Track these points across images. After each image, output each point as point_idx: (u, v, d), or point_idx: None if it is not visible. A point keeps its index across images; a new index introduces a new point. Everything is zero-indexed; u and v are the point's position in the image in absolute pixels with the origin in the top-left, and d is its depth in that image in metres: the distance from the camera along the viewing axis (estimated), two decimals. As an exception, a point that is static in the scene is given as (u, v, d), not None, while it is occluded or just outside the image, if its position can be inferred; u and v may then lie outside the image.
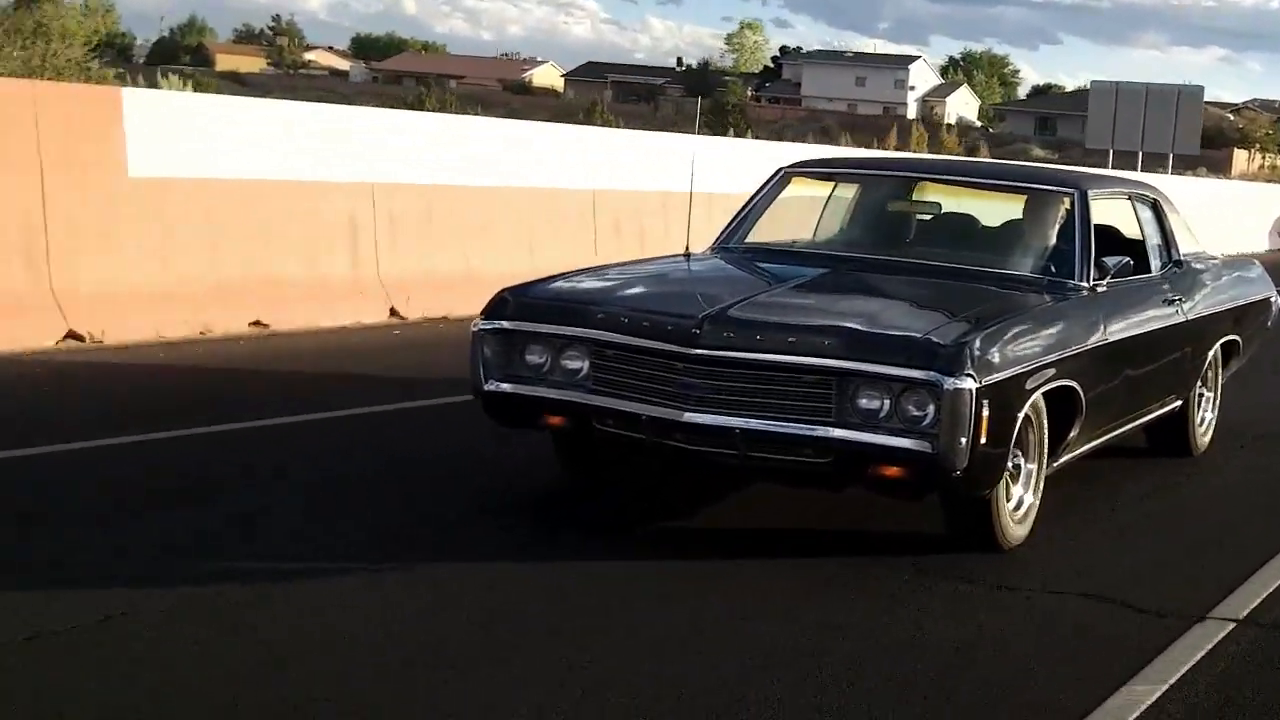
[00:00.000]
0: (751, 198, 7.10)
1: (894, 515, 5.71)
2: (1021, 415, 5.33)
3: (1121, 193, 7.35)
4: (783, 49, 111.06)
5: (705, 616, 4.71)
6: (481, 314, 5.64)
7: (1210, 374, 7.76)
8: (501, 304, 5.61)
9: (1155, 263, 7.09)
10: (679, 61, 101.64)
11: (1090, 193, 6.61)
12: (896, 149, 41.29)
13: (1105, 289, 6.27)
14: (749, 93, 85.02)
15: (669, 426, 5.18)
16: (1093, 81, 39.19)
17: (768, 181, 7.15)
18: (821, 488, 5.51)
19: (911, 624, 4.77)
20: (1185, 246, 7.53)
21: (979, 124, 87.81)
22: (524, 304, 5.59)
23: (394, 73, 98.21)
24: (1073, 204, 6.52)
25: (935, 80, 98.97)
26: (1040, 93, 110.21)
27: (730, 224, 6.97)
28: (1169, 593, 5.32)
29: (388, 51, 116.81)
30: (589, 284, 5.83)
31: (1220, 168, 56.44)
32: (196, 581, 4.72)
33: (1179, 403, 7.33)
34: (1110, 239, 6.89)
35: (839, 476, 5.22)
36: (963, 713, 4.11)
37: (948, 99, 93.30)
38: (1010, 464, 5.42)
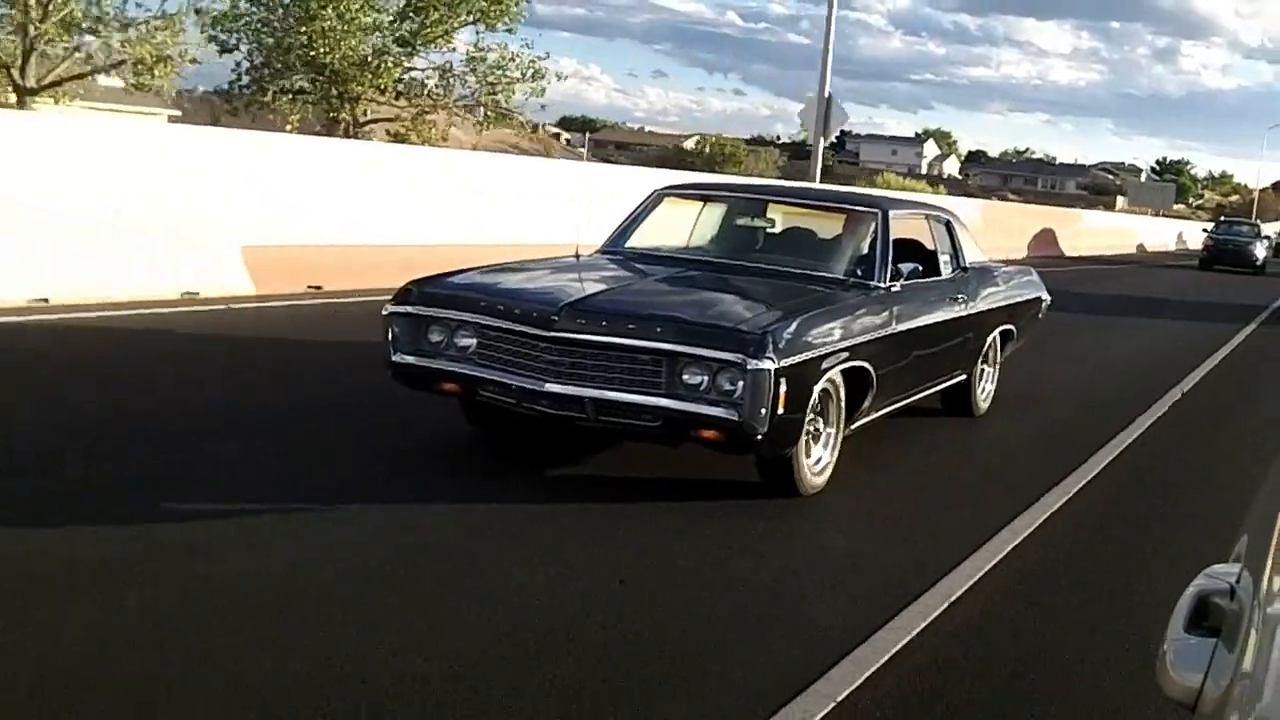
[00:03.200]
0: (633, 211, 6.53)
1: (729, 465, 5.20)
2: (819, 389, 4.83)
3: (920, 214, 6.83)
4: (843, 132, 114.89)
5: (578, 536, 4.21)
6: (391, 300, 5.11)
7: (990, 354, 7.28)
8: (407, 292, 5.09)
9: (946, 269, 6.58)
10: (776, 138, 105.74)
11: (891, 213, 6.09)
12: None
13: (899, 288, 5.76)
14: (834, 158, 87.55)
15: (534, 395, 4.68)
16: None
17: (645, 200, 6.59)
18: (659, 443, 5.00)
19: (717, 553, 4.28)
20: (972, 257, 7.03)
21: (960, 177, 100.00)
22: (425, 293, 5.06)
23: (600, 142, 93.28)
24: (877, 221, 6.01)
25: (936, 150, 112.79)
26: (974, 156, 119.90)
27: (616, 230, 6.42)
28: (946, 528, 4.86)
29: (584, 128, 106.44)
30: (481, 277, 5.28)
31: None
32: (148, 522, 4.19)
33: (964, 376, 6.88)
34: (911, 248, 6.40)
35: (670, 436, 4.72)
36: (745, 631, 3.61)
37: (944, 163, 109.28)
38: (810, 428, 4.94)
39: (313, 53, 22.58)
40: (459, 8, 24.08)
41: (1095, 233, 33.46)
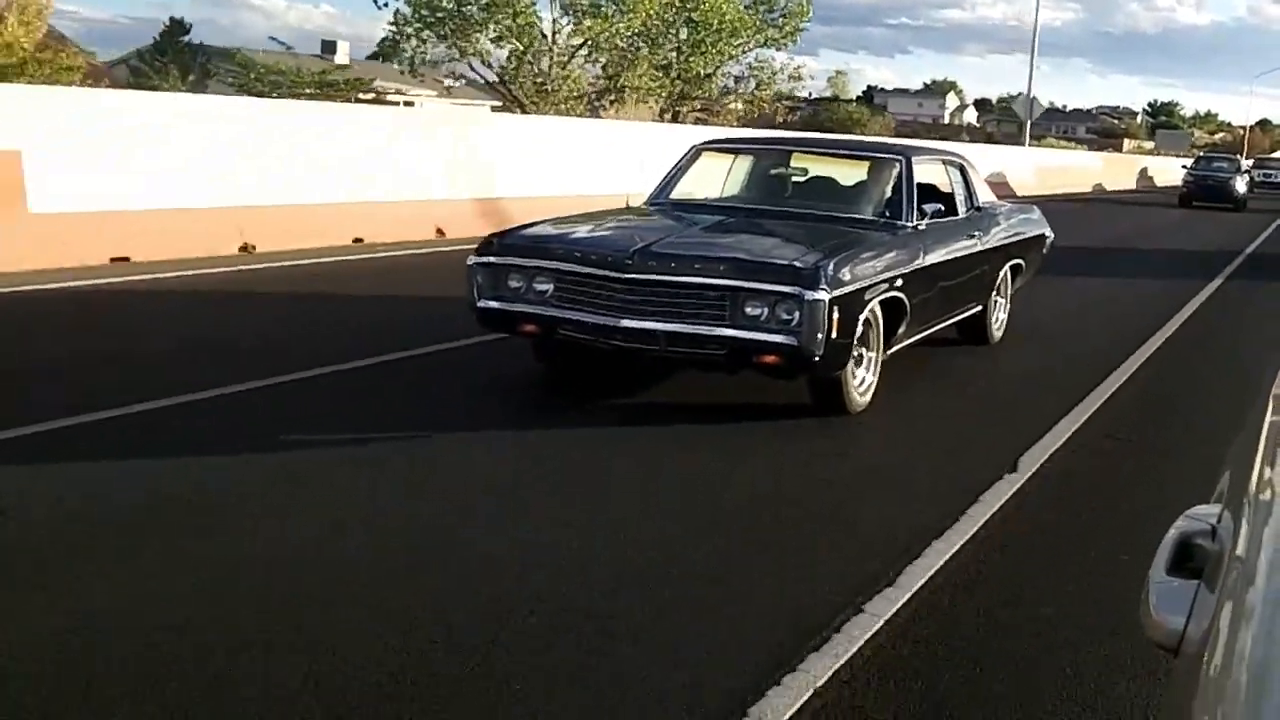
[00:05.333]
0: (675, 165, 7.01)
1: (781, 393, 5.69)
2: (863, 318, 5.33)
3: (937, 159, 7.32)
4: (869, 87, 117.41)
5: (648, 458, 4.71)
6: (474, 251, 5.58)
7: (1003, 287, 7.79)
8: (488, 244, 5.56)
9: (961, 209, 7.07)
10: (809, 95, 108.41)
11: (914, 159, 6.58)
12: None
13: (925, 227, 6.26)
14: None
15: (610, 330, 5.17)
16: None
17: (685, 155, 7.06)
18: (721, 370, 5.48)
19: (792, 463, 4.79)
20: (983, 197, 7.51)
21: (977, 125, 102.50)
22: (505, 244, 5.53)
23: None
24: (901, 167, 6.49)
25: (956, 102, 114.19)
26: (980, 104, 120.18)
27: (660, 184, 6.89)
28: (979, 447, 5.31)
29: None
30: (553, 229, 5.75)
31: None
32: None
33: (979, 307, 7.38)
34: (930, 191, 6.87)
35: (733, 362, 5.21)
36: (821, 524, 4.12)
37: (964, 113, 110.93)
38: (855, 353, 5.44)
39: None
40: (756, 35, 32.72)
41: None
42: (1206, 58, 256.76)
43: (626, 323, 5.12)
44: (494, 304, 5.48)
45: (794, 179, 7.07)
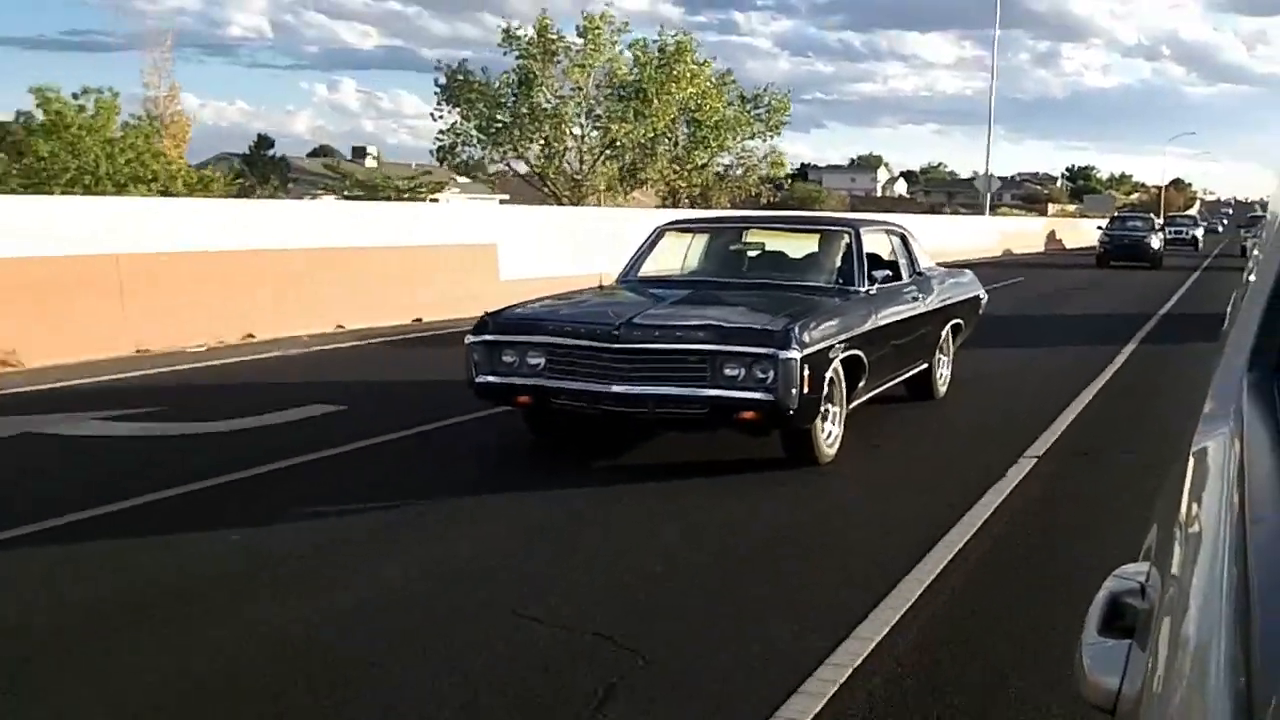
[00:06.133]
0: (641, 245, 7.59)
1: (753, 447, 6.17)
2: (828, 375, 5.86)
3: (881, 229, 7.94)
4: (802, 164, 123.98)
5: (640, 510, 5.16)
6: (471, 331, 6.07)
7: (945, 345, 8.38)
8: (484, 324, 6.05)
9: (905, 274, 7.68)
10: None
11: (861, 230, 7.21)
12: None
13: (875, 292, 6.85)
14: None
15: (602, 396, 5.66)
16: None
17: (649, 236, 7.65)
18: (702, 429, 5.96)
19: (772, 509, 5.27)
20: (923, 263, 8.15)
21: (907, 196, 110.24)
22: (500, 323, 6.03)
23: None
24: (851, 238, 7.11)
25: (886, 175, 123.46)
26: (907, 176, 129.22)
27: (629, 263, 7.46)
28: (936, 486, 5.82)
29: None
30: (540, 308, 6.27)
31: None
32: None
33: (925, 365, 7.96)
34: (877, 259, 7.43)
35: (715, 420, 5.71)
36: (814, 560, 4.58)
37: (895, 186, 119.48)
38: (822, 408, 5.95)
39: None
40: (745, 129, 39.14)
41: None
42: (1115, 120, 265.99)
43: (617, 388, 5.61)
44: (491, 378, 5.95)
45: (750, 253, 7.66)
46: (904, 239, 7.98)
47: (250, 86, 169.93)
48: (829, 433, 6.15)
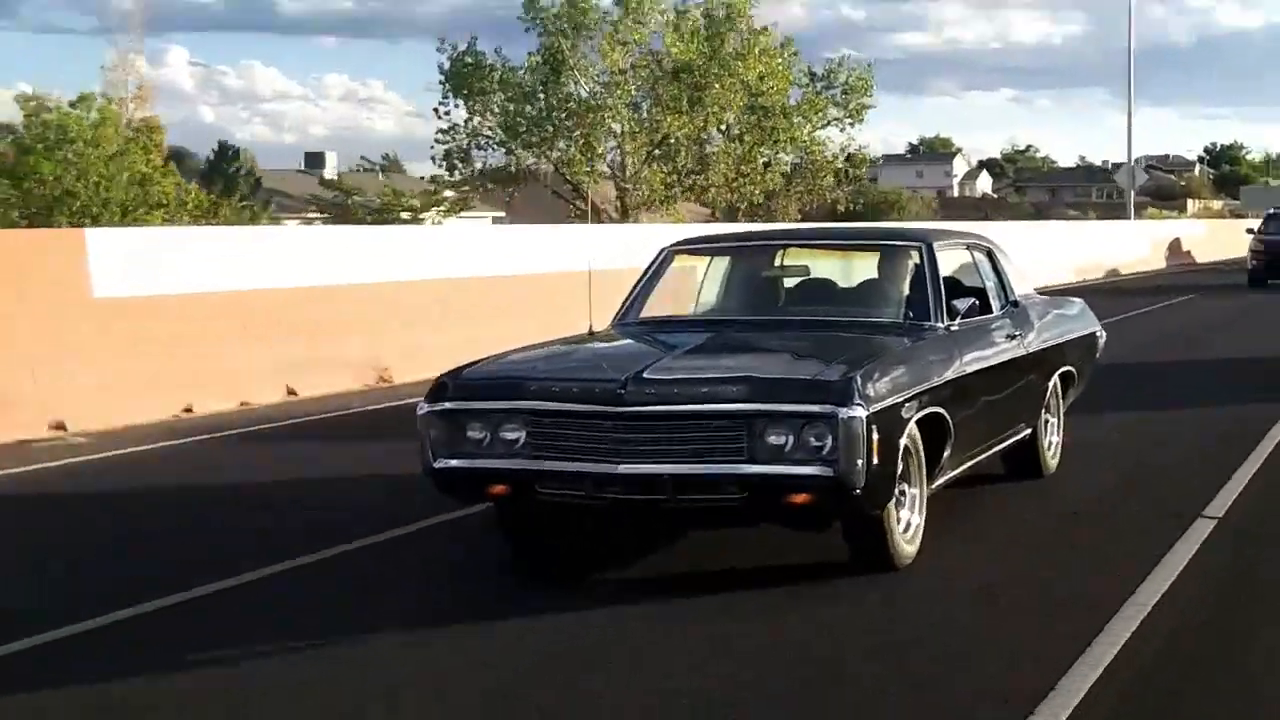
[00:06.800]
0: (642, 275, 8.01)
1: (798, 548, 6.57)
2: (903, 442, 6.25)
3: (961, 243, 8.40)
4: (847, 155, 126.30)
5: (660, 637, 5.56)
6: (425, 398, 6.42)
7: (1054, 402, 8.78)
8: (442, 387, 6.41)
9: (995, 305, 8.10)
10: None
11: (935, 245, 7.63)
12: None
13: (957, 328, 7.27)
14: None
15: (606, 480, 6.03)
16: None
17: (653, 261, 8.07)
18: (737, 523, 6.33)
19: (852, 631, 5.69)
20: (1018, 289, 8.59)
21: (994, 195, 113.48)
22: (462, 385, 6.39)
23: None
24: (922, 256, 7.54)
25: (965, 166, 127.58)
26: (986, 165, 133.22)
27: (626, 301, 7.89)
28: (1065, 602, 6.09)
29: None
30: (516, 363, 6.67)
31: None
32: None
33: (1029, 429, 8.33)
34: (957, 285, 7.84)
35: (755, 509, 6.10)
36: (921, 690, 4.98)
37: (977, 181, 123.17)
38: (897, 488, 6.27)
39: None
40: (817, 117, 43.86)
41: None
42: (1261, 75, 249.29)
43: (625, 468, 5.97)
44: (454, 462, 6.29)
45: (788, 281, 8.13)
46: (991, 256, 8.45)
47: (37, 59, 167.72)
48: (906, 522, 6.51)
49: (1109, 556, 6.80)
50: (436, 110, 42.32)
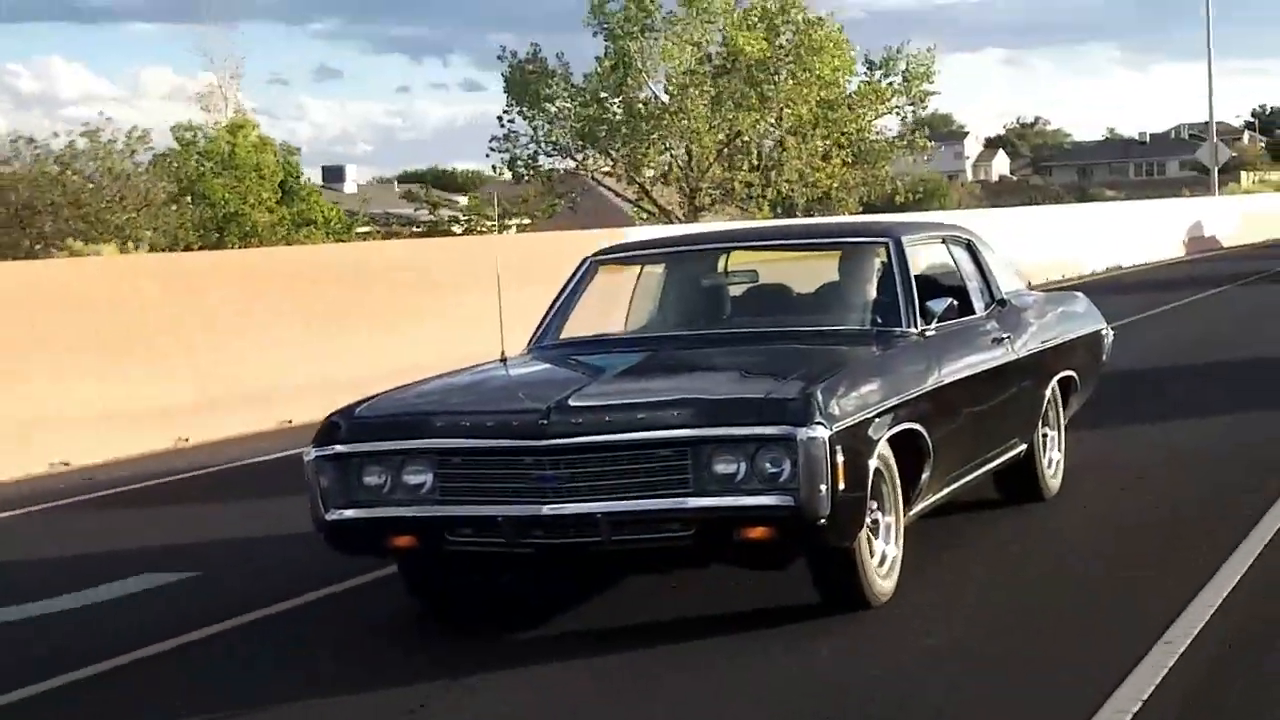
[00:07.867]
0: (562, 291, 7.99)
1: (758, 589, 6.67)
2: (874, 464, 6.26)
3: (935, 236, 8.44)
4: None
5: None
6: (313, 441, 6.37)
7: (1052, 413, 8.82)
8: (333, 428, 6.36)
9: (978, 304, 8.15)
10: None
11: (904, 239, 7.65)
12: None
13: (933, 333, 7.28)
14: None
15: (529, 523, 5.98)
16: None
17: (574, 274, 8.06)
18: (686, 566, 6.45)
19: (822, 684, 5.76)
20: (1005, 285, 8.65)
21: (1012, 176, 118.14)
22: (357, 425, 6.35)
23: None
24: (889, 252, 7.58)
25: (978, 147, 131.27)
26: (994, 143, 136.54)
27: (544, 320, 7.85)
28: (1036, 650, 6.12)
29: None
30: (419, 397, 6.62)
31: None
32: None
33: (1023, 446, 8.34)
34: (932, 284, 7.91)
35: (705, 548, 6.04)
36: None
37: (992, 162, 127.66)
38: (868, 518, 6.30)
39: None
40: (881, 106, 49.73)
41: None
42: None
43: (551, 509, 5.92)
44: (349, 513, 6.25)
45: (734, 289, 8.12)
46: (971, 249, 8.44)
47: None
48: (881, 554, 6.48)
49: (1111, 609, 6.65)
50: (500, 119, 48.69)
